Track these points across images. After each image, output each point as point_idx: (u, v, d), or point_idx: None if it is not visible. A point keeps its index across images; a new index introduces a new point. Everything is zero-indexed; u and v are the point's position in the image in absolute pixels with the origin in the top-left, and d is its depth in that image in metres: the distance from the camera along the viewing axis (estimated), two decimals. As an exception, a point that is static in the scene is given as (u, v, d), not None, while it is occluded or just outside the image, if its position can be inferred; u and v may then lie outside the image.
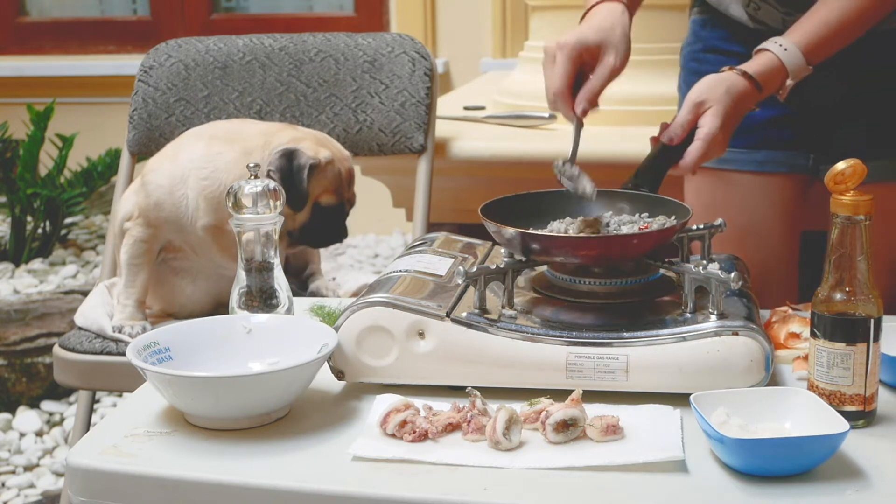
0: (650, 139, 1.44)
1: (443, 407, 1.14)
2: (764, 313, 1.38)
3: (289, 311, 1.37)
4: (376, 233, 4.18)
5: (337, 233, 1.90)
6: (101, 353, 1.82)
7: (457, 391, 1.18)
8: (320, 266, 2.05)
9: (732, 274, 1.17)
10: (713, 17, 1.71)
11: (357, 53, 2.19)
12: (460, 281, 1.21)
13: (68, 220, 3.88)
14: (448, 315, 1.20)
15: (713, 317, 1.18)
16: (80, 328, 1.90)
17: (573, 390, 1.11)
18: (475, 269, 1.21)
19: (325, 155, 1.83)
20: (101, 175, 3.70)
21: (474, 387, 1.13)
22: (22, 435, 2.71)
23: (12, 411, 2.81)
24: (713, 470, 1.03)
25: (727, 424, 1.05)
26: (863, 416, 1.11)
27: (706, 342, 1.16)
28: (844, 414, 1.05)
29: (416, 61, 2.17)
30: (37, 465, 2.58)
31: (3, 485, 2.50)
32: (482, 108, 2.61)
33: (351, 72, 2.18)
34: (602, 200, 1.40)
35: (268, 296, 1.35)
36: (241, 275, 1.35)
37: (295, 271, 2.02)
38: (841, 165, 1.10)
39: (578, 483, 1.01)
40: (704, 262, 1.33)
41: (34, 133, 3.60)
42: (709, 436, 1.04)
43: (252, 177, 1.35)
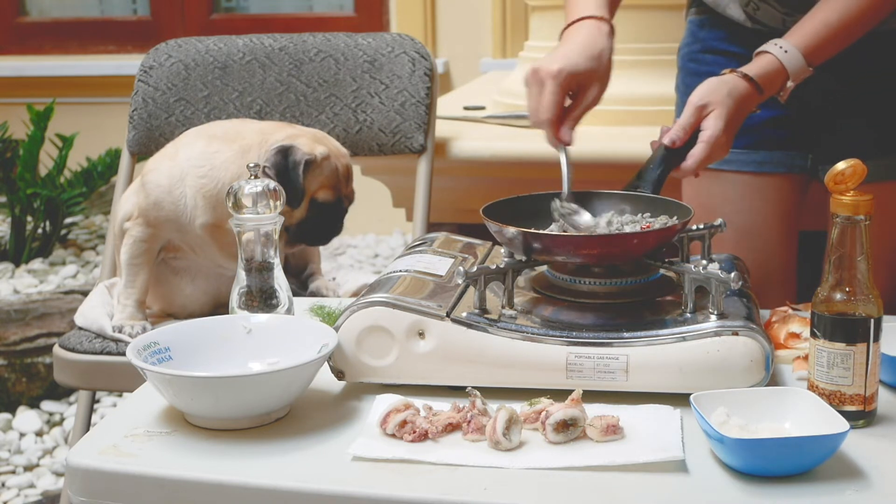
0: (651, 143, 1.44)
1: (443, 407, 1.14)
2: (764, 313, 1.38)
3: (289, 311, 1.37)
4: (376, 233, 4.18)
5: (334, 229, 1.90)
6: (101, 353, 1.82)
7: (457, 391, 1.18)
8: (320, 266, 2.05)
9: (732, 274, 1.17)
10: (711, 18, 1.70)
11: (357, 53, 2.19)
12: (460, 281, 1.21)
13: (68, 220, 3.88)
14: (448, 315, 1.20)
15: (713, 317, 1.18)
16: (80, 328, 1.90)
17: (573, 390, 1.11)
18: (475, 269, 1.21)
19: (321, 151, 1.83)
20: (101, 175, 3.70)
21: (474, 387, 1.13)
22: (22, 435, 2.70)
23: (12, 411, 2.81)
24: (713, 470, 1.03)
25: (727, 424, 1.05)
26: (863, 416, 1.11)
27: (706, 342, 1.16)
28: (844, 414, 1.05)
29: (416, 61, 2.17)
30: (37, 465, 2.58)
31: (3, 485, 2.50)
32: (482, 108, 2.61)
33: (351, 72, 2.18)
34: (604, 201, 1.40)
35: (268, 296, 1.35)
36: (241, 275, 1.35)
37: (295, 271, 2.02)
38: (841, 165, 1.10)
39: (578, 483, 1.01)
40: (704, 262, 1.33)
41: (34, 133, 3.60)
42: (709, 436, 1.04)
43: (252, 177, 1.35)
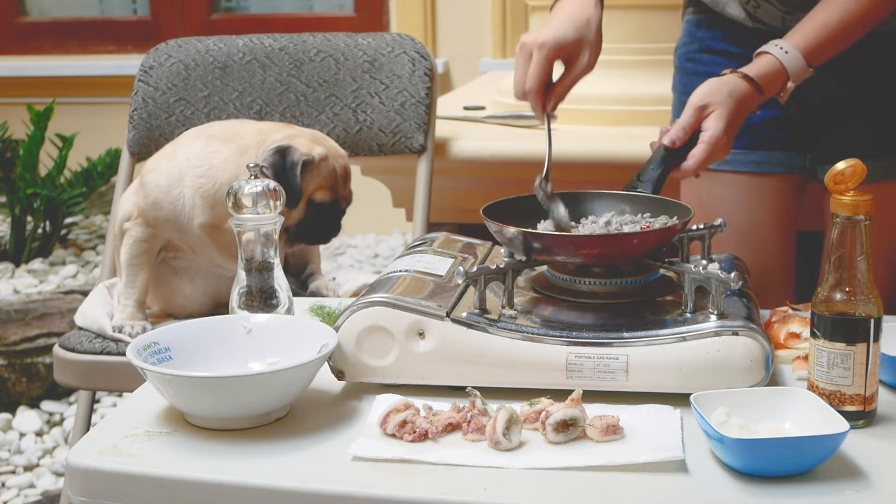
0: (650, 144, 1.44)
1: (443, 407, 1.14)
2: (764, 313, 1.38)
3: (289, 311, 1.37)
4: (376, 233, 4.18)
5: (332, 230, 1.90)
6: (101, 353, 1.82)
7: (457, 391, 1.18)
8: (320, 266, 2.05)
9: (732, 274, 1.17)
10: (708, 17, 1.70)
11: (357, 53, 2.19)
12: (460, 281, 1.21)
13: (68, 220, 3.88)
14: (448, 315, 1.20)
15: (713, 317, 1.18)
16: (80, 328, 1.90)
17: (573, 390, 1.11)
18: (475, 269, 1.21)
19: (319, 152, 1.83)
20: (101, 175, 3.70)
21: (474, 387, 1.13)
22: (22, 435, 2.70)
23: (12, 411, 2.81)
24: (713, 470, 1.03)
25: (727, 424, 1.05)
26: (863, 416, 1.11)
27: (706, 342, 1.16)
28: (844, 414, 1.05)
29: (416, 61, 2.17)
30: (37, 465, 2.58)
31: (3, 485, 2.50)
32: (482, 108, 2.61)
33: (351, 72, 2.18)
34: (604, 201, 1.40)
35: (268, 296, 1.35)
36: (241, 275, 1.35)
37: (295, 271, 2.02)
38: (841, 165, 1.10)
39: (578, 483, 1.01)
40: (704, 262, 1.33)
41: (34, 133, 3.60)
42: (709, 436, 1.04)
43: (252, 177, 1.35)
